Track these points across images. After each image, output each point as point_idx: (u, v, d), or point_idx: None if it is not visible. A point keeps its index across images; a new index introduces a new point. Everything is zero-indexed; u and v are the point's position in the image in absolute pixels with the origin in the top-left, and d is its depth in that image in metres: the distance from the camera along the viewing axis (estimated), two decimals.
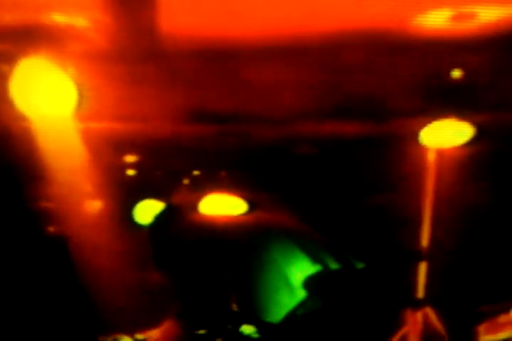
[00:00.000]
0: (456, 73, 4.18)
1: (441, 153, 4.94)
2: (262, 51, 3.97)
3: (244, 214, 4.31)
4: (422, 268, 5.17)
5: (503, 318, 4.75)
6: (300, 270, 3.41)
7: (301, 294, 3.40)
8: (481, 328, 4.81)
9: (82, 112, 4.25)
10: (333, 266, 3.43)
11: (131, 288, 4.85)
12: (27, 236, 4.92)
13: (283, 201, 4.59)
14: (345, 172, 5.00)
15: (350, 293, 3.37)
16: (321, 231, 3.97)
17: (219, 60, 4.12)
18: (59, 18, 3.90)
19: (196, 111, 4.53)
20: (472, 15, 3.63)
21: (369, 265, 3.49)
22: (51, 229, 5.06)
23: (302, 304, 3.38)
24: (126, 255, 4.82)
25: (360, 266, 3.46)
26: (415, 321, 5.00)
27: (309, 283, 3.36)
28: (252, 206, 4.36)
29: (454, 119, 4.66)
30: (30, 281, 4.83)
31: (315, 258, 3.41)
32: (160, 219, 4.13)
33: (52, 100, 4.18)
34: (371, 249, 4.91)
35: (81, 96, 4.16)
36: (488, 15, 3.57)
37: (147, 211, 4.77)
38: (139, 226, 4.75)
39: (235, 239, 3.58)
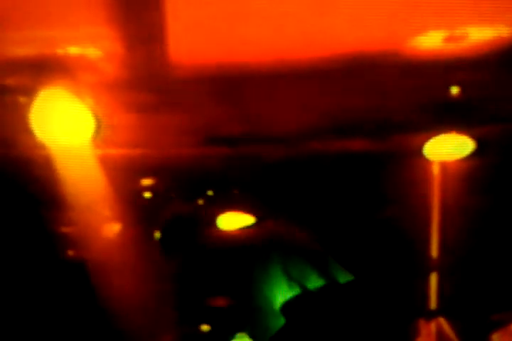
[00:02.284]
0: (455, 90, 4.29)
1: (445, 166, 5.04)
2: (268, 74, 4.08)
3: (252, 226, 4.34)
4: (433, 279, 5.21)
5: None
6: (279, 294, 3.34)
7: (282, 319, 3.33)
8: (494, 336, 4.83)
9: (99, 139, 4.37)
10: (314, 284, 3.33)
11: (151, 311, 4.89)
12: (47, 261, 5.00)
13: (292, 219, 4.66)
14: (353, 188, 5.07)
15: (333, 310, 3.29)
16: (328, 247, 4.00)
17: (227, 84, 4.22)
18: (73, 51, 4.04)
19: (207, 135, 4.65)
20: (464, 36, 3.77)
21: (359, 277, 3.44)
22: (71, 253, 5.13)
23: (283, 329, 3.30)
24: (146, 278, 4.87)
25: (344, 279, 3.37)
26: (429, 332, 5.03)
27: (286, 309, 3.28)
28: (261, 219, 4.40)
29: (455, 133, 4.77)
30: (50, 306, 4.90)
31: (294, 280, 3.34)
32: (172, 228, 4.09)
33: (70, 129, 4.30)
34: (381, 262, 4.98)
35: (98, 124, 4.28)
36: (479, 36, 3.71)
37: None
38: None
39: (236, 257, 3.57)
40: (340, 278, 3.32)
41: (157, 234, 4.24)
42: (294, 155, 4.84)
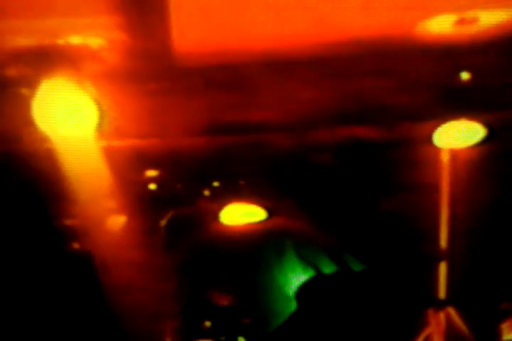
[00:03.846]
0: (465, 75, 4.24)
1: (454, 154, 4.98)
2: (275, 62, 4.06)
3: (262, 221, 4.34)
4: (443, 269, 5.20)
5: None
6: (294, 278, 3.35)
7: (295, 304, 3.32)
8: (504, 326, 4.83)
9: (102, 131, 4.34)
10: (328, 269, 3.35)
11: (155, 303, 4.90)
12: (52, 253, 5.00)
13: (301, 207, 4.64)
14: (362, 177, 5.04)
15: (345, 296, 3.30)
16: (338, 236, 3.98)
17: (233, 73, 4.20)
18: (76, 40, 4.01)
19: (213, 124, 4.61)
20: (475, 20, 3.73)
21: (369, 267, 3.45)
22: (76, 245, 5.13)
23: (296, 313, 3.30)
24: (151, 270, 4.87)
25: (358, 268, 3.39)
26: (438, 321, 5.02)
27: (301, 291, 3.29)
28: (271, 214, 4.39)
29: (465, 120, 4.71)
30: (55, 298, 4.89)
31: (308, 263, 3.35)
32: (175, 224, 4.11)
33: (73, 120, 4.27)
34: (390, 251, 4.96)
35: (101, 115, 4.25)
36: (490, 19, 3.67)
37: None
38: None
39: (246, 249, 3.58)
40: (354, 266, 3.33)
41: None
42: (302, 144, 4.81)
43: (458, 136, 4.78)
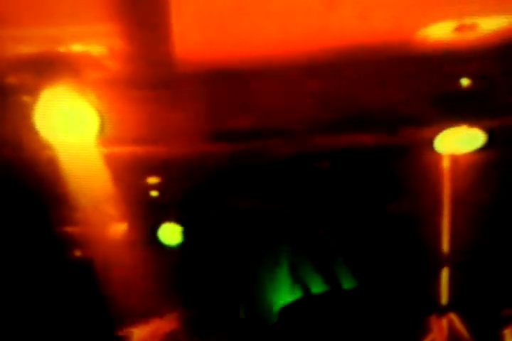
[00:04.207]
0: (465, 81, 4.26)
1: (455, 160, 5.01)
2: (275, 69, 4.07)
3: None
4: (445, 274, 5.20)
5: None
6: (282, 295, 3.34)
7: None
8: (507, 332, 4.84)
9: (103, 137, 4.35)
10: (317, 288, 3.33)
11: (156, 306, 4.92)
12: (54, 260, 5.02)
13: (303, 212, 4.66)
14: (363, 182, 5.06)
15: (335, 315, 3.28)
16: (339, 241, 3.99)
17: (232, 80, 4.22)
18: (77, 48, 4.02)
19: (213, 130, 4.63)
20: (474, 26, 3.74)
21: (371, 273, 3.44)
22: (77, 252, 5.15)
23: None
24: (152, 276, 4.89)
25: (348, 285, 3.37)
26: (441, 327, 5.03)
27: (283, 313, 3.28)
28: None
29: (465, 126, 4.73)
30: (57, 305, 4.91)
31: (298, 281, 3.34)
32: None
33: (74, 127, 4.28)
34: (392, 257, 4.97)
35: (102, 122, 4.27)
36: (489, 26, 3.69)
37: (172, 232, 4.85)
38: (165, 247, 4.82)
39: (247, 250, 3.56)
40: (345, 283, 3.31)
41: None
42: (304, 150, 4.82)
43: (459, 141, 4.81)
